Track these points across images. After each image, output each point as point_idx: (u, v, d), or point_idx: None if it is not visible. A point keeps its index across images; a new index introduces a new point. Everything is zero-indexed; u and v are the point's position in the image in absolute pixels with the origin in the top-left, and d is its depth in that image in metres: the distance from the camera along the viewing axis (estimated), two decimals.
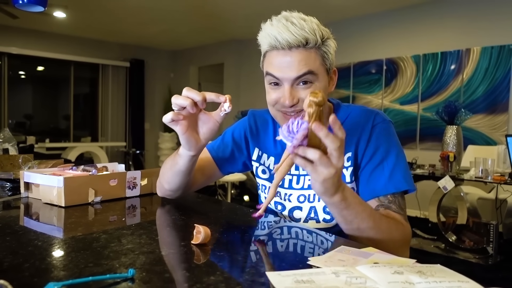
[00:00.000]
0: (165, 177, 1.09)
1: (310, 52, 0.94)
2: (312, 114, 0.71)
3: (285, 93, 0.94)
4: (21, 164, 1.50)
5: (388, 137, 1.03)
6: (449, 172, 3.32)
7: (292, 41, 0.92)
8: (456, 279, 0.56)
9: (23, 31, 6.69)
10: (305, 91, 0.94)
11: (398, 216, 0.96)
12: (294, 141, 0.70)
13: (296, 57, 0.93)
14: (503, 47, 4.40)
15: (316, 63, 0.95)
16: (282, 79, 0.95)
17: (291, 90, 0.95)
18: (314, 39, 0.93)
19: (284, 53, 0.94)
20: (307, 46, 0.93)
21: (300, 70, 0.93)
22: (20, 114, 7.27)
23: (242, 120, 1.24)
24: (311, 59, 0.94)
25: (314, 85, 0.96)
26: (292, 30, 0.91)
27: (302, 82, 0.95)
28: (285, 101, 0.94)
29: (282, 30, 0.92)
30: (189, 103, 0.87)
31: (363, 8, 5.34)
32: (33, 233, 0.89)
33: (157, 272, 0.63)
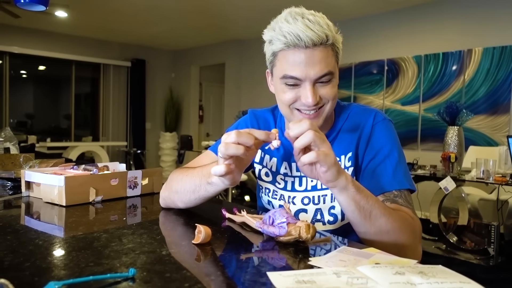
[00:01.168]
0: (183, 197, 1.01)
1: (328, 49, 0.93)
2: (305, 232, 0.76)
3: (308, 93, 0.92)
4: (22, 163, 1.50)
5: (390, 135, 1.03)
6: (450, 173, 3.31)
7: (316, 39, 0.89)
8: (457, 280, 0.56)
9: (25, 31, 6.70)
10: (325, 89, 0.94)
11: (405, 209, 0.95)
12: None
13: (317, 56, 0.91)
14: (505, 47, 4.39)
15: (333, 60, 0.94)
16: (303, 79, 0.92)
17: (313, 89, 0.93)
18: (332, 35, 0.92)
19: (305, 51, 0.90)
20: (327, 43, 0.92)
21: (322, 69, 0.91)
22: (21, 113, 7.28)
23: (243, 120, 1.21)
24: (329, 57, 0.93)
25: (332, 82, 0.95)
26: (313, 28, 0.89)
27: (322, 81, 0.94)
28: (309, 100, 0.92)
29: (304, 28, 0.88)
30: (242, 152, 0.79)
31: (365, 9, 5.33)
32: (34, 232, 0.89)
33: (157, 271, 0.63)
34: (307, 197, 1.06)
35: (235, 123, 1.23)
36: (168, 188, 1.07)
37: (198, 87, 8.52)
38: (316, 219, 1.06)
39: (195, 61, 8.22)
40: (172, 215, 1.05)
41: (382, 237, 0.86)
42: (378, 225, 0.85)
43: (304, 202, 1.07)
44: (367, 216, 0.84)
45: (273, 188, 1.12)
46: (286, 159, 1.10)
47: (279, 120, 1.15)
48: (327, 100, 0.96)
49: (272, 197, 1.12)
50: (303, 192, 1.07)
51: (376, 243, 0.86)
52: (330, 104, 0.97)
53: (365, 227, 0.86)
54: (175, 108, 8.38)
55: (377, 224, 0.85)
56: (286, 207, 0.83)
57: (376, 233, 0.86)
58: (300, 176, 1.08)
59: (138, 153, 7.81)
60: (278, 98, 1.01)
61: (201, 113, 8.69)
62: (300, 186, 1.07)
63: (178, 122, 8.47)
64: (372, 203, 0.85)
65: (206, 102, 9.01)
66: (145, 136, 8.29)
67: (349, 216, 0.87)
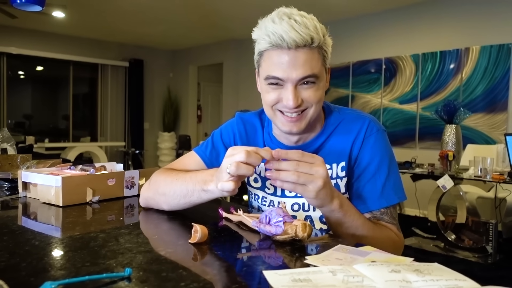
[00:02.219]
0: (170, 201, 0.99)
1: (314, 52, 0.91)
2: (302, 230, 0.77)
3: (290, 95, 0.91)
4: (19, 164, 1.50)
5: (381, 148, 1.01)
6: (448, 171, 3.32)
7: (299, 41, 0.88)
8: (453, 278, 0.56)
9: (22, 31, 6.68)
10: (307, 92, 0.93)
11: (391, 226, 0.99)
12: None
13: (300, 57, 0.90)
14: (502, 46, 4.40)
15: (318, 63, 0.93)
16: (285, 80, 0.91)
17: (295, 91, 0.91)
18: (318, 38, 0.90)
19: (288, 52, 0.89)
20: (312, 46, 0.90)
21: (305, 71, 0.90)
22: (19, 114, 7.26)
23: (230, 124, 1.17)
24: (314, 59, 0.92)
25: (317, 85, 0.94)
26: (297, 29, 0.87)
27: (304, 83, 0.92)
28: (289, 102, 0.91)
29: (288, 29, 0.87)
30: (252, 173, 0.80)
31: (362, 8, 5.34)
32: (30, 232, 0.89)
33: (154, 271, 0.63)
34: (297, 203, 1.05)
35: (222, 125, 1.19)
36: (153, 189, 1.04)
37: (196, 87, 8.51)
38: None
39: (193, 61, 8.21)
40: (169, 214, 1.05)
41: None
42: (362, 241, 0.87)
43: (294, 209, 1.05)
44: (349, 234, 0.89)
45: (262, 195, 1.10)
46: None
47: (266, 124, 1.12)
48: (310, 104, 0.94)
49: (261, 203, 1.10)
50: (293, 198, 1.05)
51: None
52: (314, 108, 0.95)
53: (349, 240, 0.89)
54: (173, 108, 8.38)
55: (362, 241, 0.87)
56: (283, 206, 0.83)
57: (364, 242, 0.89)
58: None
59: (137, 153, 7.80)
60: (262, 99, 1.00)
61: (199, 113, 8.69)
62: (290, 192, 1.04)
63: (176, 122, 8.47)
64: (357, 226, 0.89)
65: (204, 102, 9.00)
66: (143, 136, 8.28)
67: (332, 229, 0.92)
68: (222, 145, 1.13)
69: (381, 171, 0.99)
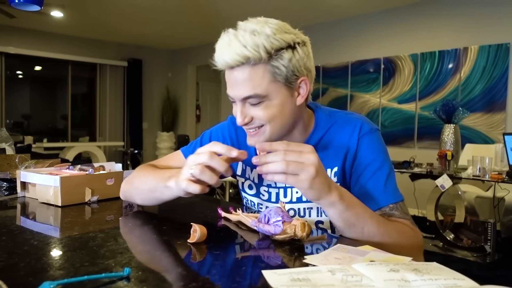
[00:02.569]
0: (141, 194, 1.01)
1: (256, 69, 0.85)
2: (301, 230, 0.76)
3: (237, 112, 0.90)
4: (18, 164, 1.50)
5: (378, 147, 0.98)
6: (447, 170, 3.32)
7: (230, 61, 0.85)
8: (451, 277, 0.56)
9: (21, 31, 6.67)
10: (255, 110, 0.89)
11: (403, 220, 0.92)
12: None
13: (239, 77, 0.86)
14: (501, 45, 4.40)
15: (264, 81, 0.86)
16: (233, 97, 0.91)
17: (242, 109, 0.90)
18: (257, 56, 0.83)
19: (230, 72, 0.88)
20: (251, 64, 0.85)
21: (245, 91, 0.87)
22: (17, 114, 7.25)
23: (221, 127, 1.15)
24: (257, 78, 0.86)
25: (265, 104, 0.88)
26: (233, 47, 0.84)
27: (251, 102, 0.89)
28: (237, 119, 0.90)
29: (221, 49, 0.86)
30: (215, 182, 0.79)
31: (361, 7, 5.34)
32: (29, 232, 0.88)
33: (153, 271, 0.63)
34: (293, 209, 1.03)
35: (213, 128, 1.18)
36: (130, 182, 1.07)
37: (195, 86, 8.51)
38: None
39: (192, 61, 8.21)
40: (168, 214, 1.05)
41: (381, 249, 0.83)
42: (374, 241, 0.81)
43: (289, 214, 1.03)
44: (358, 232, 0.82)
45: (257, 201, 1.08)
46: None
47: None
48: (262, 122, 0.90)
49: (257, 210, 1.09)
50: (288, 204, 1.03)
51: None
52: (271, 126, 0.91)
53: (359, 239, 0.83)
54: (172, 107, 8.37)
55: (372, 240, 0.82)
56: (282, 206, 0.83)
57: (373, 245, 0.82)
58: (285, 187, 1.04)
59: (135, 153, 7.80)
60: None
61: (198, 112, 8.69)
62: (285, 198, 1.03)
63: (175, 121, 8.46)
64: (364, 220, 0.82)
65: (203, 101, 9.00)
66: (142, 136, 8.27)
67: (339, 229, 0.86)
68: None
69: (382, 170, 0.96)
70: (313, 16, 5.60)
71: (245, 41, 0.83)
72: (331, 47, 5.90)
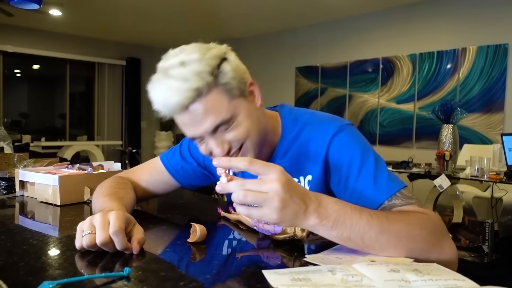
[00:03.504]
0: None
1: (211, 96, 0.79)
2: None
3: (213, 148, 0.82)
4: (16, 163, 1.49)
5: (352, 144, 0.88)
6: (445, 170, 3.33)
7: (184, 100, 0.77)
8: (451, 277, 0.56)
9: (19, 29, 6.65)
10: (230, 134, 0.82)
11: (407, 207, 0.80)
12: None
13: (198, 112, 0.79)
14: (499, 46, 4.41)
15: (223, 104, 0.80)
16: (200, 136, 0.82)
17: (216, 140, 0.82)
18: (205, 83, 0.77)
19: (183, 114, 0.80)
20: (204, 94, 0.78)
21: (212, 123, 0.80)
22: (15, 112, 7.23)
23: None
24: (216, 104, 0.79)
25: (235, 123, 0.82)
26: (177, 88, 0.77)
27: (220, 131, 0.82)
28: (217, 152, 0.82)
29: (165, 96, 0.78)
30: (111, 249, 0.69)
31: (360, 7, 5.34)
32: (28, 231, 0.88)
33: (153, 270, 0.63)
34: None
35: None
36: (98, 190, 0.99)
37: None
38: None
39: None
40: (167, 214, 1.05)
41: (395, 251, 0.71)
42: (381, 246, 0.70)
43: None
44: (359, 243, 0.69)
45: None
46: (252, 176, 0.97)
47: None
48: (239, 143, 0.83)
49: None
50: None
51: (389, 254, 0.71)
52: (250, 141, 0.84)
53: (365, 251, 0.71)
54: None
55: (378, 245, 0.70)
56: None
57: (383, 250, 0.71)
58: None
59: (134, 152, 7.78)
60: None
61: None
62: None
63: (174, 121, 8.44)
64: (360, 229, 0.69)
65: None
66: (140, 135, 8.26)
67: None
68: (190, 156, 1.06)
69: (365, 165, 0.84)
70: (312, 16, 5.60)
71: (184, 77, 0.77)
72: (330, 47, 5.90)
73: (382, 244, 0.70)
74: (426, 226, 0.75)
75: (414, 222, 0.74)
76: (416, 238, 0.73)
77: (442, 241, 0.77)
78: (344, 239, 0.68)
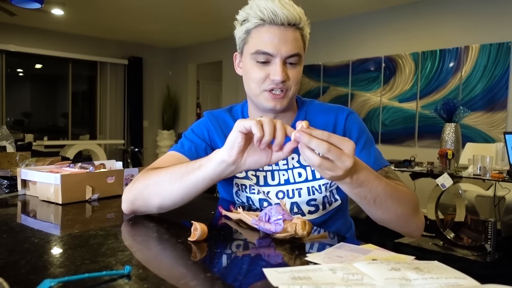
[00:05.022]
0: (163, 189, 0.86)
1: (298, 33, 0.98)
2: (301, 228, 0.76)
3: (278, 69, 0.95)
4: (19, 162, 1.50)
5: (362, 124, 1.11)
6: (447, 169, 3.32)
7: (291, 18, 0.94)
8: (453, 276, 0.56)
9: (21, 29, 6.67)
10: (292, 71, 0.98)
11: (399, 182, 0.98)
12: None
13: (290, 35, 0.96)
14: (502, 44, 4.40)
15: (301, 45, 0.99)
16: (275, 55, 0.96)
17: (282, 67, 0.97)
18: (303, 20, 0.98)
19: (278, 28, 0.95)
20: (299, 26, 0.97)
21: (293, 49, 0.96)
22: (18, 112, 7.25)
23: (200, 122, 1.15)
24: (299, 40, 0.98)
25: (299, 67, 1.00)
26: (288, 8, 0.94)
27: (289, 63, 0.98)
28: (277, 76, 0.95)
29: (280, 6, 0.94)
30: (266, 140, 0.73)
31: (362, 6, 5.33)
32: (30, 230, 0.88)
33: (153, 268, 0.63)
34: (281, 191, 1.07)
35: (192, 125, 1.16)
36: (142, 184, 0.90)
37: (195, 84, 8.50)
38: (294, 212, 1.07)
39: (193, 59, 8.20)
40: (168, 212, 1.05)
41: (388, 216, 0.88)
42: (383, 207, 0.84)
43: (278, 196, 1.07)
44: (370, 203, 0.82)
45: (249, 183, 1.09)
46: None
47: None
48: (291, 84, 0.99)
49: (250, 192, 1.10)
50: (277, 186, 1.07)
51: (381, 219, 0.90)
52: (293, 89, 1.01)
53: (369, 210, 0.86)
54: (173, 106, 8.37)
55: (382, 206, 0.84)
56: (282, 204, 0.83)
57: (384, 210, 0.86)
58: (272, 170, 1.07)
59: (136, 151, 7.80)
60: (248, 78, 1.02)
61: (198, 110, 8.69)
62: (273, 180, 1.07)
63: (176, 120, 8.46)
64: (376, 191, 0.81)
65: (203, 99, 8.99)
66: (142, 134, 8.27)
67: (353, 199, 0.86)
68: (198, 138, 1.10)
69: (368, 142, 1.07)
70: (314, 14, 5.59)
71: (293, 5, 0.96)
72: (332, 45, 5.89)
73: (387, 206, 0.84)
74: (413, 198, 0.95)
75: (408, 195, 0.93)
76: (409, 206, 0.91)
77: (419, 212, 0.98)
78: (361, 197, 0.81)
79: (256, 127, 0.72)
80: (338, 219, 1.13)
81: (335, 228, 1.12)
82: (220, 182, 1.16)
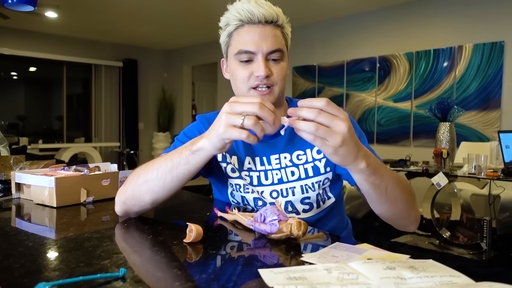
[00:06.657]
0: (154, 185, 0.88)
1: (278, 30, 1.02)
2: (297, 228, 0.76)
3: (260, 65, 0.98)
4: (13, 165, 1.49)
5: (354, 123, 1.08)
6: (442, 168, 3.33)
7: (267, 16, 0.99)
8: (447, 274, 0.56)
9: (15, 32, 6.64)
10: (275, 67, 1.00)
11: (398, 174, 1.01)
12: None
13: (269, 32, 1.00)
14: (495, 43, 4.43)
15: (282, 42, 1.03)
16: (256, 52, 0.99)
17: (266, 62, 0.99)
18: (282, 18, 1.02)
19: (257, 27, 0.99)
20: (277, 23, 1.01)
21: (274, 45, 0.99)
22: (12, 115, 7.21)
23: (193, 125, 1.16)
24: (279, 37, 1.02)
25: (282, 62, 1.02)
26: (264, 6, 0.99)
27: (272, 59, 1.00)
28: (260, 71, 0.97)
29: (256, 6, 0.98)
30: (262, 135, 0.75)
31: (356, 6, 5.35)
32: (24, 234, 0.88)
33: (148, 271, 0.63)
34: (275, 191, 1.07)
35: (184, 129, 1.16)
36: (132, 183, 0.92)
37: (190, 86, 8.50)
38: (289, 211, 1.07)
39: (188, 61, 8.19)
40: (163, 214, 1.05)
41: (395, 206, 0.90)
42: (392, 196, 0.87)
43: (272, 196, 1.07)
44: (382, 192, 0.85)
45: (243, 183, 1.10)
46: (249, 154, 1.09)
47: None
48: (276, 81, 1.01)
49: (244, 192, 1.10)
50: (271, 186, 1.07)
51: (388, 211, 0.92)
52: (279, 86, 1.02)
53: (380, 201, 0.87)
54: (168, 108, 8.36)
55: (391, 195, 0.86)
56: (278, 204, 0.83)
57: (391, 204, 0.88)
58: (265, 170, 1.08)
59: (131, 153, 7.77)
60: (234, 79, 1.04)
61: (194, 112, 8.67)
62: (266, 180, 1.08)
63: (171, 122, 8.45)
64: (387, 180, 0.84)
65: (199, 101, 8.99)
66: (138, 136, 8.25)
67: (364, 192, 0.87)
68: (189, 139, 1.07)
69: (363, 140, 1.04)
70: (309, 15, 5.60)
71: (269, 5, 1.00)
72: (327, 46, 5.90)
73: (395, 194, 0.87)
74: (411, 189, 0.97)
75: (406, 182, 0.95)
76: (410, 194, 0.94)
77: (416, 202, 1.00)
78: (376, 185, 0.83)
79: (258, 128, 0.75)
80: (333, 217, 1.13)
81: (330, 226, 1.12)
82: (215, 184, 1.18)
